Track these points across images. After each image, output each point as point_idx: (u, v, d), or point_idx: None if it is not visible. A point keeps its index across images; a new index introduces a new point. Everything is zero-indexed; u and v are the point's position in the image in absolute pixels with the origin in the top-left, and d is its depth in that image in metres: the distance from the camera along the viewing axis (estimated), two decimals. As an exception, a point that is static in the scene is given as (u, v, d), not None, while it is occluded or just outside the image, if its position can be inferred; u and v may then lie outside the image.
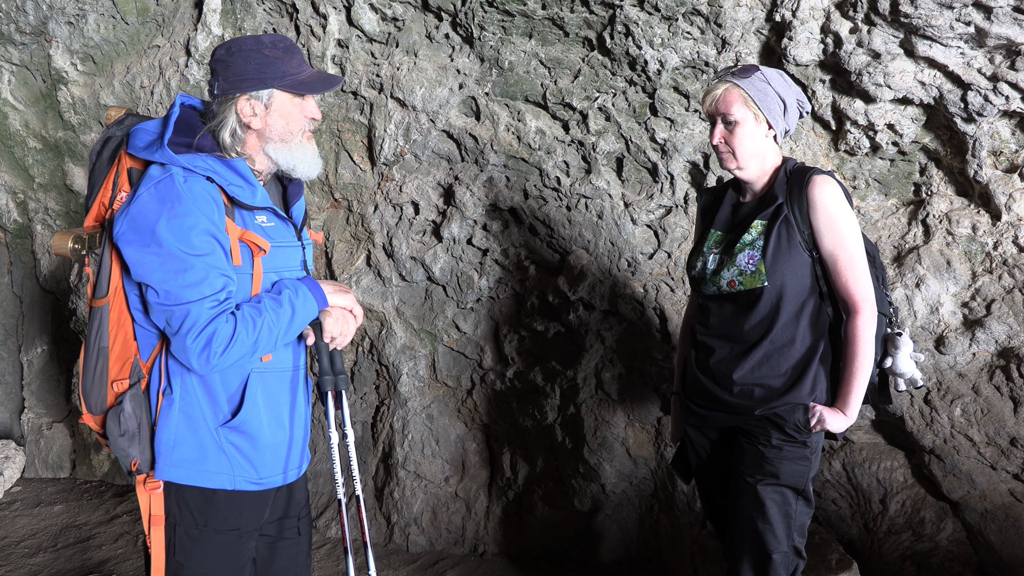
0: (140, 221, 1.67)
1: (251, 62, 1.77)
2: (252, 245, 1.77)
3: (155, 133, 1.77)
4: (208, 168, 1.73)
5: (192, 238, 1.66)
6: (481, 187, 3.57)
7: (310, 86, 1.81)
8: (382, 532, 3.93)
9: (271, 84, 1.78)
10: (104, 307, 1.79)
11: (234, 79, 1.77)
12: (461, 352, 3.83)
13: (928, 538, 3.10)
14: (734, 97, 2.12)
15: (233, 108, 1.79)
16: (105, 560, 3.70)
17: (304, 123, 1.85)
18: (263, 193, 1.83)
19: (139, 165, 1.78)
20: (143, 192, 1.69)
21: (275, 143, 1.82)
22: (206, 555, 1.80)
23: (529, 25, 3.22)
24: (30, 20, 3.72)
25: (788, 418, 2.10)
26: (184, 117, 1.82)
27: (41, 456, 4.71)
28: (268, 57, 1.77)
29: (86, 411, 1.83)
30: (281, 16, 3.57)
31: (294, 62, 1.81)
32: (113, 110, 1.92)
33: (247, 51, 1.77)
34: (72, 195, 4.30)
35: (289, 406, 1.90)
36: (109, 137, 1.86)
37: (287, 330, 1.79)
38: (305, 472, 2.05)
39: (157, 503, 1.77)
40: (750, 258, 2.11)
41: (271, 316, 1.74)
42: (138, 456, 1.76)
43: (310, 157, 1.87)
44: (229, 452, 1.79)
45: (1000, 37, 2.63)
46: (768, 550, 2.11)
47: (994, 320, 2.96)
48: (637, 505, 3.66)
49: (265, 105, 1.79)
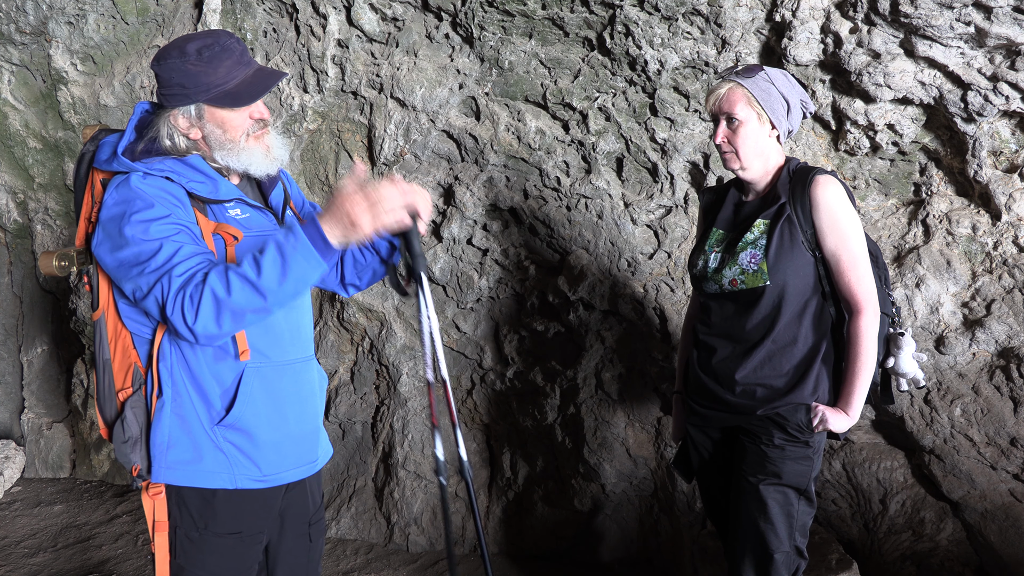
0: (109, 227, 1.67)
1: (175, 75, 1.71)
2: (226, 235, 1.74)
3: (114, 144, 1.77)
4: (165, 168, 1.72)
5: (153, 228, 1.63)
6: (481, 187, 3.57)
7: (236, 97, 1.73)
8: (382, 532, 3.93)
9: (196, 99, 1.72)
10: (101, 320, 1.79)
11: (164, 92, 1.74)
12: (461, 352, 3.83)
13: (928, 538, 3.10)
14: (738, 97, 2.12)
15: (167, 121, 1.76)
16: (105, 560, 3.69)
17: (246, 126, 1.78)
18: (227, 185, 1.79)
19: (108, 176, 1.77)
20: (107, 199, 1.70)
21: (218, 150, 1.78)
22: (206, 558, 1.79)
23: (529, 25, 3.22)
24: (30, 20, 3.71)
25: (790, 418, 2.10)
26: (143, 122, 1.80)
27: (41, 456, 4.70)
28: (191, 70, 1.70)
29: (103, 425, 1.83)
30: (281, 16, 3.57)
31: (222, 70, 1.72)
32: (88, 128, 1.92)
33: (172, 62, 1.71)
34: (72, 195, 4.30)
35: (293, 399, 1.87)
36: (84, 154, 1.86)
37: (283, 274, 1.58)
38: (320, 470, 2.01)
39: (161, 509, 1.76)
40: (752, 257, 2.11)
41: (248, 263, 1.60)
42: (138, 462, 1.75)
43: (261, 156, 1.80)
44: (227, 450, 1.77)
45: (1000, 37, 2.63)
46: (770, 550, 2.11)
47: (994, 320, 2.96)
48: (637, 505, 3.66)
49: (197, 117, 1.75)
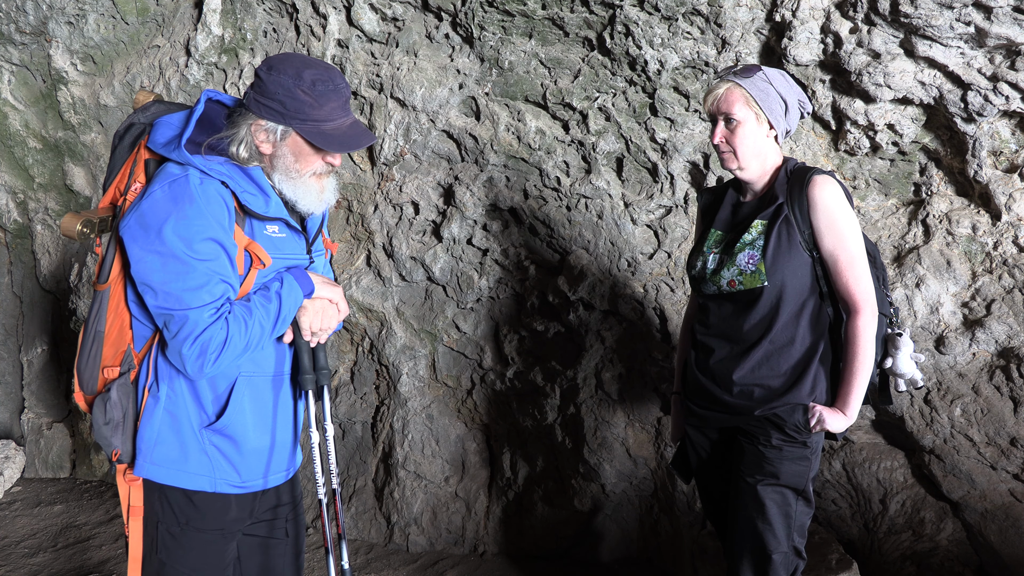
0: (149, 218, 1.64)
1: (281, 92, 1.69)
2: (254, 257, 1.74)
3: (177, 129, 1.74)
4: (223, 173, 1.71)
5: (197, 242, 1.64)
6: (481, 187, 3.57)
7: (328, 141, 1.72)
8: (382, 532, 3.93)
9: (289, 122, 1.71)
10: (105, 292, 1.77)
11: (261, 99, 1.71)
12: (461, 352, 3.83)
13: (928, 538, 3.10)
14: (736, 97, 2.12)
15: (249, 128, 1.74)
16: (105, 560, 3.69)
17: (318, 166, 1.78)
18: (277, 203, 1.78)
19: (157, 157, 1.76)
20: (156, 189, 1.67)
21: (280, 174, 1.77)
22: (187, 554, 1.79)
23: (529, 25, 3.22)
24: (30, 20, 3.72)
25: (788, 418, 2.10)
26: (208, 114, 1.78)
27: (41, 456, 4.71)
28: (299, 96, 1.69)
29: (78, 388, 1.82)
30: (281, 16, 3.57)
31: (326, 109, 1.71)
32: (142, 94, 1.89)
33: (284, 79, 1.69)
34: (72, 195, 4.30)
35: (273, 409, 1.87)
36: (133, 123, 1.83)
37: (276, 323, 1.76)
38: (295, 474, 2.02)
39: (136, 494, 1.76)
40: (750, 258, 2.11)
41: (261, 313, 1.72)
42: (119, 447, 1.75)
43: (315, 195, 1.80)
44: (211, 454, 1.78)
45: (1000, 37, 2.63)
46: (768, 550, 2.11)
47: (994, 320, 2.96)
48: (637, 505, 3.66)
49: (279, 138, 1.74)
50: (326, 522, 1.95)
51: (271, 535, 1.98)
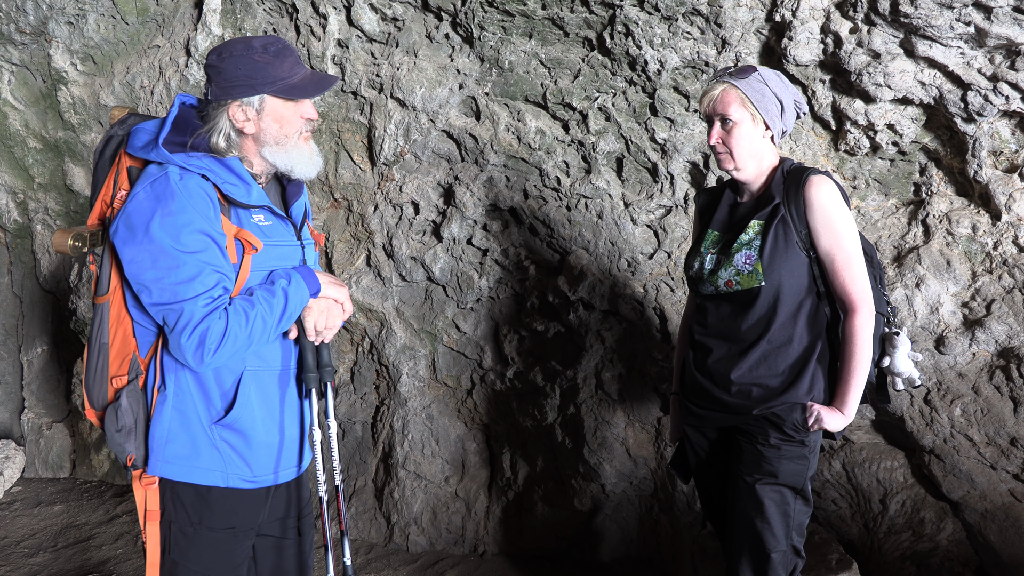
0: (135, 219, 1.69)
1: (241, 67, 1.77)
2: (246, 243, 1.78)
3: (153, 133, 1.79)
4: (203, 166, 1.75)
5: (184, 235, 1.67)
6: (481, 187, 3.57)
7: (302, 90, 1.81)
8: (382, 532, 3.93)
9: (261, 90, 1.78)
10: (105, 305, 1.81)
11: (225, 84, 1.78)
12: (461, 352, 3.84)
13: (928, 538, 3.10)
14: (731, 98, 2.12)
15: (225, 114, 1.80)
16: (105, 560, 3.70)
17: (300, 125, 1.85)
18: (259, 191, 1.83)
19: (138, 164, 1.80)
20: (139, 190, 1.71)
21: (270, 146, 1.83)
22: (200, 553, 1.80)
23: (529, 25, 3.22)
24: (30, 20, 3.72)
25: (786, 417, 2.11)
26: (183, 116, 1.83)
27: (41, 456, 4.71)
28: (258, 62, 1.77)
29: (89, 406, 1.85)
30: (281, 16, 3.57)
31: (286, 65, 1.80)
32: (116, 110, 1.93)
33: (237, 56, 1.77)
34: (72, 195, 4.30)
35: (280, 404, 1.90)
36: (111, 136, 1.88)
37: (281, 319, 1.79)
38: (305, 471, 2.04)
39: (153, 499, 1.78)
40: (747, 258, 2.12)
41: (264, 308, 1.75)
42: (134, 452, 1.77)
43: (307, 157, 1.87)
44: (223, 449, 1.80)
45: (1000, 37, 2.63)
46: (767, 549, 2.11)
47: (994, 320, 2.96)
48: (637, 505, 3.66)
49: (257, 110, 1.80)
50: (326, 520, 1.97)
51: (284, 535, 2.00)
